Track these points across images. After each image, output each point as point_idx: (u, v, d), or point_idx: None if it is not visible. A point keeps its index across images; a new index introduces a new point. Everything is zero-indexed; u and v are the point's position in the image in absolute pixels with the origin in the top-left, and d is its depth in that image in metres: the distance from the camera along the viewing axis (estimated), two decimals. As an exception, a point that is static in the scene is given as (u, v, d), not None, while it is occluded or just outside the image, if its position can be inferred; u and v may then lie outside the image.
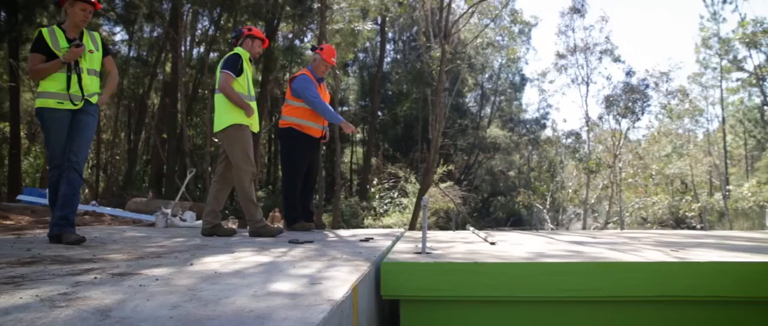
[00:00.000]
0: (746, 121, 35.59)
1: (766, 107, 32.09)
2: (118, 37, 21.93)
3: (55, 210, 3.44)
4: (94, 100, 3.64)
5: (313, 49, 5.25)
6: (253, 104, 4.44)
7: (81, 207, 8.72)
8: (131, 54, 22.32)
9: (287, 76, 21.14)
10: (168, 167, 17.96)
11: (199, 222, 6.49)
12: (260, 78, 17.81)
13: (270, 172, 30.35)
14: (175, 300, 1.53)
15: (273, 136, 29.69)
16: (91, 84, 3.62)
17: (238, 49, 4.44)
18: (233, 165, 4.32)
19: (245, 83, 4.39)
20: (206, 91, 20.49)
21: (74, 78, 3.49)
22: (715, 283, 2.43)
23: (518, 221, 24.13)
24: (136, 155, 22.62)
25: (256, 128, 4.52)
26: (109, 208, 10.21)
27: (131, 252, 2.84)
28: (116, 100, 21.92)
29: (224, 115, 4.31)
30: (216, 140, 4.70)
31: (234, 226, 13.31)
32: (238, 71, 4.32)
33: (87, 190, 20.50)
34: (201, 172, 20.52)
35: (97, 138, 20.98)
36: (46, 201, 4.77)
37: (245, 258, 2.61)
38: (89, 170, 22.28)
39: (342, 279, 1.91)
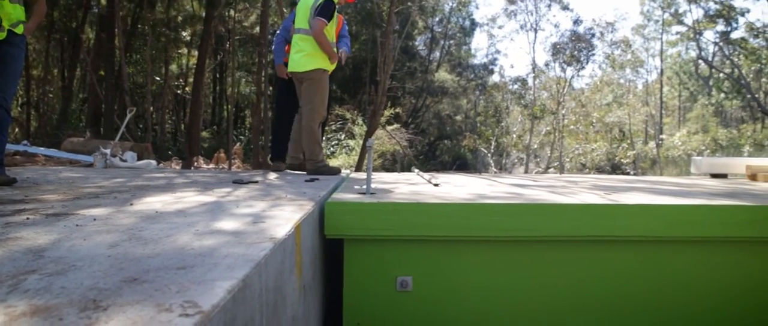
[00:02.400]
0: (682, 74, 37.09)
1: (700, 61, 33.37)
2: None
3: (-22, 149, 3.25)
4: (18, 29, 3.34)
5: None
6: (335, 49, 4.67)
7: (10, 147, 8.31)
8: (61, -17, 20.92)
9: (232, 12, 20.36)
10: (106, 106, 17.23)
11: (141, 162, 6.34)
12: (204, 14, 17.09)
13: (215, 113, 29.65)
14: (113, 240, 1.51)
15: (218, 75, 28.85)
16: (14, 12, 3.31)
17: None
18: (307, 105, 4.55)
19: (333, 29, 4.59)
20: (146, 27, 19.56)
21: None
22: (641, 224, 2.58)
23: (464, 165, 24.63)
24: (71, 93, 21.56)
25: (331, 70, 4.73)
26: (42, 148, 9.78)
27: (67, 193, 2.76)
28: (46, 33, 20.64)
29: (311, 59, 4.50)
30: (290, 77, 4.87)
31: (177, 167, 13.05)
32: (330, 18, 4.46)
33: (17, 129, 19.53)
34: (142, 112, 19.84)
35: (26, 74, 19.81)
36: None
37: (188, 198, 2.58)
38: (19, 108, 21.15)
39: (285, 218, 1.93)
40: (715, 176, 6.10)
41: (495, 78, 31.14)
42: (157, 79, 21.48)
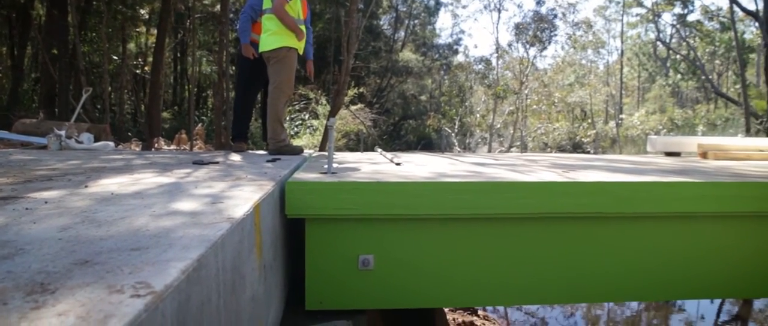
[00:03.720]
0: (641, 55, 38.03)
1: (658, 42, 34.19)
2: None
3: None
4: None
5: None
6: (303, 28, 4.64)
7: (-42, 128, 7.98)
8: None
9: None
10: (61, 86, 16.65)
11: (98, 144, 6.18)
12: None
13: (176, 93, 29.01)
14: (65, 222, 1.48)
15: (178, 55, 28.16)
16: None
17: None
18: (272, 85, 4.54)
19: (297, 7, 4.56)
20: (101, 4, 18.89)
21: None
22: (596, 201, 2.65)
23: (428, 144, 24.78)
24: (22, 72, 20.74)
25: (301, 51, 4.75)
26: (-7, 129, 9.42)
27: (18, 176, 2.67)
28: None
29: (276, 37, 4.49)
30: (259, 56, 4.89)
31: (137, 148, 12.77)
32: None
33: (-36, 110, 18.74)
34: (100, 92, 19.27)
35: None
36: None
37: (146, 179, 2.53)
38: (-34, 88, 20.29)
39: (244, 198, 1.91)
40: (669, 154, 6.30)
41: (459, 58, 31.31)
42: (115, 58, 20.84)
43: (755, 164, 4.89)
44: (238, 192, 2.10)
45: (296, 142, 17.31)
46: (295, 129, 18.10)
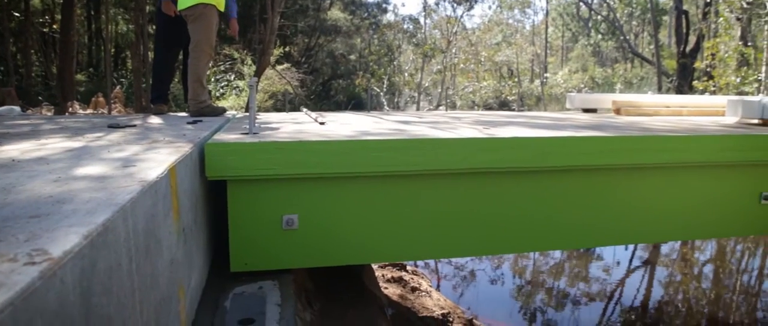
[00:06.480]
0: (565, 15, 39.18)
1: (581, 3, 35.26)
2: None
3: None
4: None
5: None
6: None
7: None
8: None
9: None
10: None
11: (2, 108, 5.77)
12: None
13: (91, 54, 27.36)
14: (-43, 190, 1.38)
15: (92, 12, 26.44)
16: None
17: None
18: (192, 44, 4.32)
19: None
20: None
21: None
22: (513, 155, 2.75)
23: (359, 104, 24.71)
24: None
25: (222, 7, 4.51)
26: None
27: None
28: None
29: None
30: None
31: (49, 113, 12.03)
32: None
33: None
34: (2, 53, 17.87)
35: None
36: None
37: (53, 144, 2.39)
38: None
39: (159, 161, 1.85)
40: (586, 111, 6.58)
41: (389, 17, 31.11)
42: (17, 15, 19.28)
43: (662, 119, 5.20)
44: (154, 154, 2.03)
45: (221, 104, 16.79)
46: (221, 90, 17.55)
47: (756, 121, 4.28)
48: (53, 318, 0.83)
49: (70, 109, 13.51)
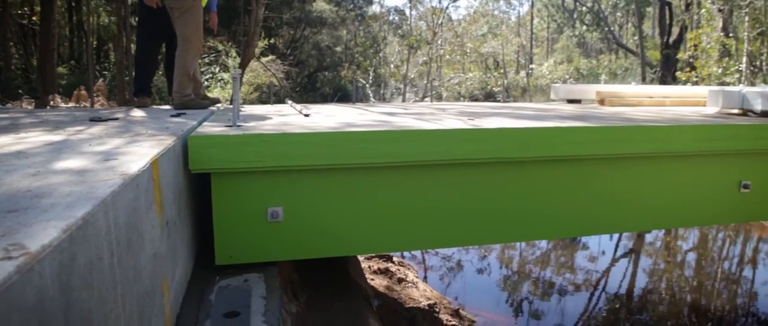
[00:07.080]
0: (550, 6, 39.30)
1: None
2: None
3: None
4: None
5: None
6: None
7: None
8: None
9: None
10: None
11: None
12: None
13: (73, 46, 26.96)
14: (-67, 185, 1.36)
15: (73, 3, 26.03)
16: None
17: None
18: (180, 38, 4.25)
19: None
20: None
21: None
22: (498, 146, 2.76)
23: (345, 96, 24.63)
24: None
25: (204, 1, 4.43)
26: None
27: None
28: None
29: None
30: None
31: (29, 107, 11.85)
32: None
33: None
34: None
35: None
36: None
37: (33, 138, 2.36)
38: None
39: (141, 154, 1.83)
40: (571, 101, 6.62)
41: (374, 8, 30.99)
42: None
43: (645, 109, 5.25)
44: (136, 148, 2.01)
45: (210, 95, 16.59)
46: (206, 83, 17.39)
47: (736, 111, 4.34)
48: (31, 313, 0.82)
49: (52, 103, 13.32)
